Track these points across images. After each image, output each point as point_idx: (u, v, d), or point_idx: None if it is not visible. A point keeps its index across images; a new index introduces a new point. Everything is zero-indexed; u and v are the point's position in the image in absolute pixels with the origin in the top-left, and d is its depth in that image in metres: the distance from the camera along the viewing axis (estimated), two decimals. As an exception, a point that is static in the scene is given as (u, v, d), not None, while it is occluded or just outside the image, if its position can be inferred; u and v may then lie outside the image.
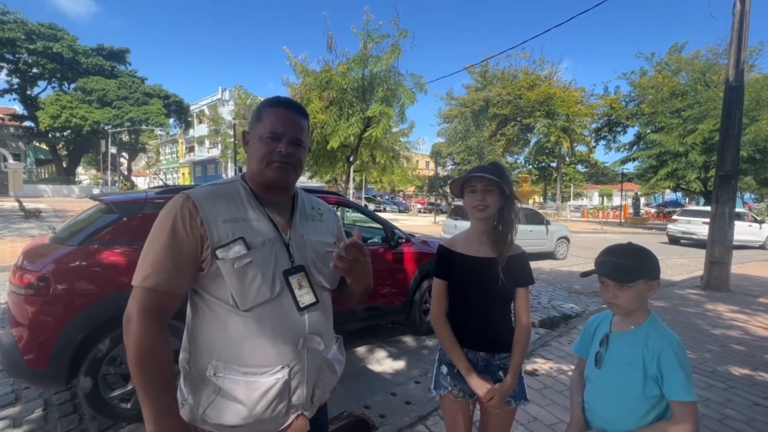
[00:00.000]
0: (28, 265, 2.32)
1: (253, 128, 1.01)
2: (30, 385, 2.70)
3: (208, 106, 42.22)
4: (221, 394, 0.91)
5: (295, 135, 1.00)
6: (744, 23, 6.28)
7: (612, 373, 1.20)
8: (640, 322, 1.19)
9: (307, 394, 0.99)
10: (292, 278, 0.98)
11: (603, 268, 1.18)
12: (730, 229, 6.48)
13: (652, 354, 1.12)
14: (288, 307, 0.96)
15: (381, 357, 3.62)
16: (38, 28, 30.64)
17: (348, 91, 12.70)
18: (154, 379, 0.86)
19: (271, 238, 0.98)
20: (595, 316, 1.39)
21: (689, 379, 1.08)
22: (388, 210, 32.85)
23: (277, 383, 0.92)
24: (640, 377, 1.13)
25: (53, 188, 31.08)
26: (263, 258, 0.94)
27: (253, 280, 0.92)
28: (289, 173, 1.00)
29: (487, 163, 1.49)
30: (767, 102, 19.12)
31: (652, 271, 1.16)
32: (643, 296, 1.16)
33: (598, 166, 42.28)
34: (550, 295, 6.16)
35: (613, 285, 1.17)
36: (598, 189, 56.74)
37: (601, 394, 1.23)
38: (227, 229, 0.93)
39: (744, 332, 4.30)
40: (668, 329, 1.19)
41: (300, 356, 0.96)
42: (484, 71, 32.33)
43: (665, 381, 1.09)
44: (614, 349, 1.21)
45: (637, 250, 1.19)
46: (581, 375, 1.37)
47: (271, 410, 0.92)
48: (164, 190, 3.08)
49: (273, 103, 1.02)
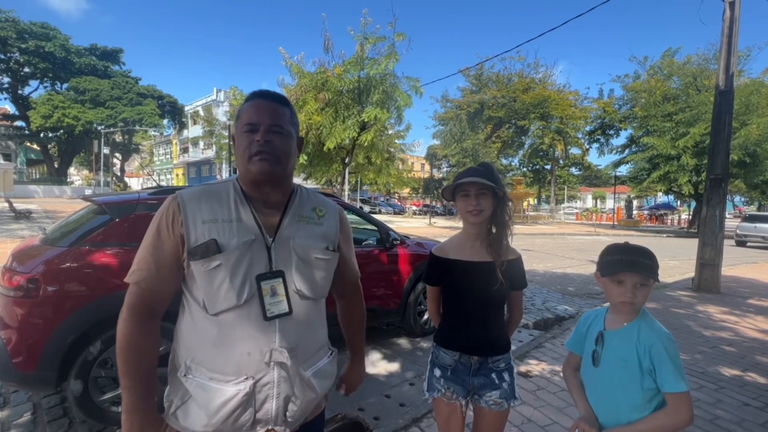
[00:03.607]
0: (17, 267, 2.29)
1: (236, 127, 0.99)
2: (19, 388, 2.65)
3: (202, 106, 42.02)
4: (190, 396, 0.91)
5: (273, 122, 0.94)
6: (733, 29, 6.39)
7: (610, 370, 1.22)
8: (632, 318, 1.22)
9: (276, 409, 0.92)
10: (265, 284, 0.92)
11: (626, 264, 1.17)
12: (721, 231, 6.56)
13: (644, 348, 1.15)
14: (256, 315, 0.91)
15: (375, 359, 3.62)
16: (30, 27, 30.35)
17: (344, 93, 12.70)
18: (132, 372, 0.90)
19: (250, 240, 0.93)
20: (588, 313, 1.41)
21: (679, 370, 1.10)
22: (384, 212, 32.86)
23: (239, 394, 0.88)
24: (636, 372, 1.16)
25: (44, 189, 30.73)
26: (234, 262, 0.90)
27: (221, 284, 0.89)
28: (271, 164, 0.94)
29: (477, 165, 1.47)
30: (757, 106, 19.44)
31: (658, 271, 1.21)
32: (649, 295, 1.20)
33: (591, 168, 42.70)
34: (543, 297, 6.19)
35: (634, 283, 1.17)
36: (592, 191, 57.27)
37: (602, 391, 1.25)
38: (204, 229, 0.91)
39: (734, 333, 4.35)
40: (658, 323, 1.21)
41: (268, 369, 0.91)
42: (479, 74, 32.54)
43: (657, 374, 1.12)
44: (609, 347, 1.24)
45: (648, 250, 1.21)
46: (574, 370, 1.40)
47: (232, 421, 0.88)
48: (157, 191, 3.05)
49: (250, 97, 1.00)
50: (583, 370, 1.34)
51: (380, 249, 3.85)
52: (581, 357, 1.36)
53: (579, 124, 31.51)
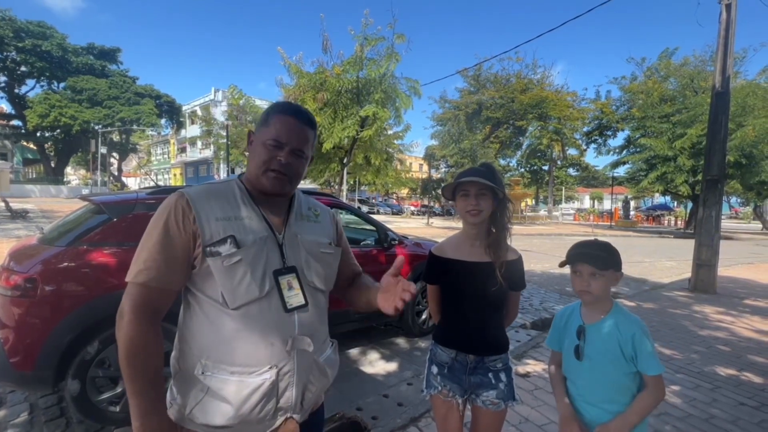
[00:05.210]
0: (14, 266, 2.28)
1: (259, 131, 1.01)
2: (16, 388, 2.64)
3: (200, 106, 41.88)
4: (209, 393, 0.91)
5: (299, 146, 0.99)
6: (730, 31, 6.43)
7: (595, 361, 1.32)
8: (607, 309, 1.35)
9: (296, 397, 0.96)
10: (282, 279, 0.96)
11: (581, 257, 1.33)
12: (717, 232, 6.60)
13: (625, 338, 1.28)
14: (276, 307, 0.95)
15: (373, 359, 3.62)
16: (27, 25, 30.20)
17: (342, 93, 12.70)
18: (141, 375, 0.87)
19: (263, 237, 0.97)
20: (563, 309, 1.50)
21: (656, 354, 1.27)
22: (382, 212, 32.85)
23: (264, 383, 0.90)
24: (620, 359, 1.28)
25: (41, 188, 30.58)
26: (253, 256, 0.94)
27: (242, 278, 0.91)
28: (284, 184, 1.00)
29: (479, 165, 1.48)
30: (753, 108, 19.54)
31: (618, 263, 1.34)
32: (609, 285, 1.34)
33: (589, 169, 42.86)
34: (541, 297, 6.21)
35: (588, 273, 1.32)
36: (589, 192, 57.41)
37: (588, 383, 1.34)
38: (219, 227, 0.93)
39: (730, 333, 4.38)
40: (632, 314, 1.34)
41: (289, 357, 0.95)
42: (478, 75, 32.61)
43: (639, 359, 1.26)
44: (591, 339, 1.34)
45: (607, 244, 1.36)
46: (558, 367, 1.46)
47: (257, 411, 0.91)
48: (155, 190, 3.05)
49: (282, 110, 1.01)
50: (566, 365, 1.41)
51: (379, 249, 3.86)
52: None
53: (577, 125, 31.62)
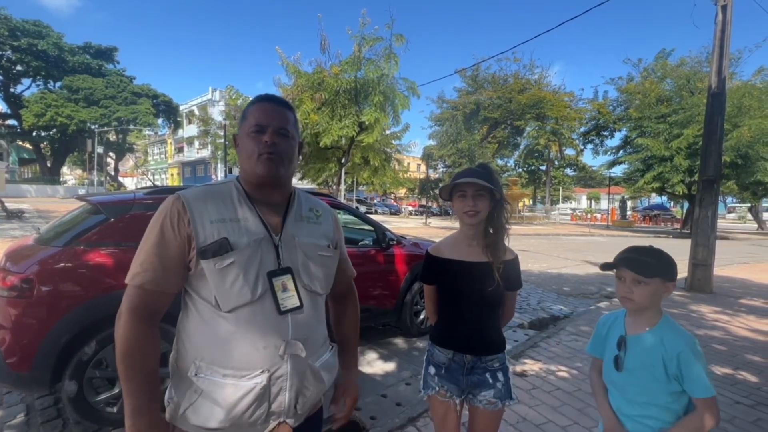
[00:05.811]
0: (11, 267, 2.27)
1: (241, 128, 1.01)
2: (12, 389, 2.63)
3: (197, 106, 41.80)
4: (202, 395, 0.91)
5: (280, 125, 0.98)
6: (725, 32, 6.47)
7: (634, 375, 1.22)
8: (654, 323, 1.22)
9: (289, 401, 0.96)
10: (276, 280, 0.95)
11: (625, 261, 1.22)
12: (713, 232, 6.64)
13: (670, 355, 1.16)
14: (270, 310, 0.94)
15: (372, 359, 3.62)
16: (23, 24, 30.02)
17: (340, 92, 12.70)
18: (136, 375, 0.89)
19: (258, 238, 0.96)
20: (606, 316, 1.40)
21: (704, 376, 1.12)
22: (380, 212, 32.86)
23: (256, 387, 0.90)
24: (662, 377, 1.17)
25: (37, 188, 30.42)
26: (247, 259, 0.93)
27: (234, 281, 0.91)
28: (277, 165, 0.98)
29: (476, 165, 1.48)
30: (749, 108, 19.66)
31: (668, 273, 1.20)
32: (657, 296, 1.20)
33: (586, 169, 42.99)
34: (539, 297, 6.23)
35: (630, 279, 1.20)
36: (587, 192, 57.60)
37: (626, 396, 1.26)
38: (213, 229, 0.93)
39: (726, 332, 4.41)
40: (682, 329, 1.22)
41: (282, 362, 0.94)
42: (475, 75, 32.66)
43: (685, 380, 1.14)
44: (633, 352, 1.24)
45: (658, 251, 1.23)
46: (599, 375, 1.38)
47: (249, 415, 0.91)
48: (153, 190, 3.03)
49: (256, 100, 1.02)
50: (605, 375, 1.33)
51: (376, 249, 3.86)
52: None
53: (574, 125, 31.74)
